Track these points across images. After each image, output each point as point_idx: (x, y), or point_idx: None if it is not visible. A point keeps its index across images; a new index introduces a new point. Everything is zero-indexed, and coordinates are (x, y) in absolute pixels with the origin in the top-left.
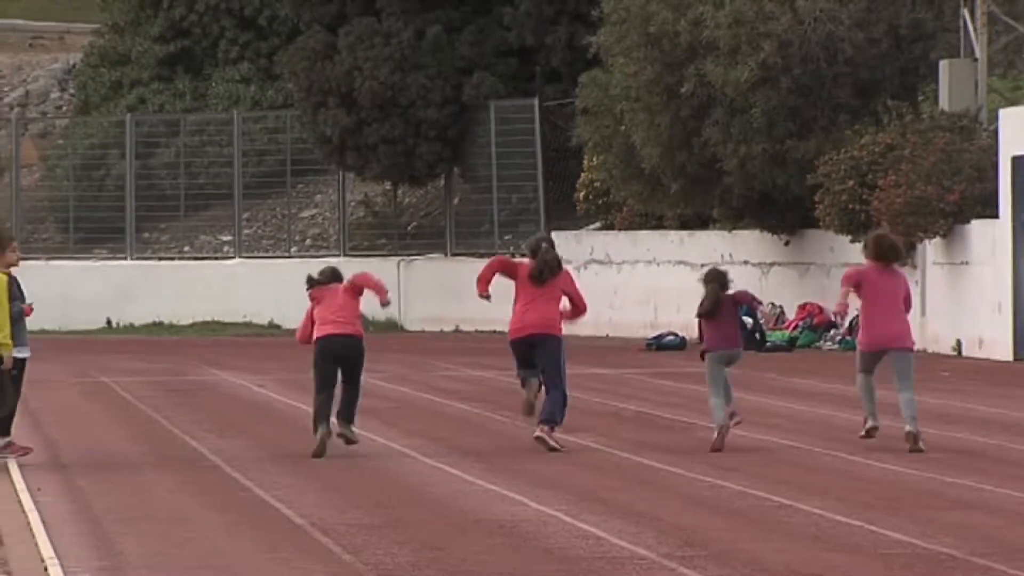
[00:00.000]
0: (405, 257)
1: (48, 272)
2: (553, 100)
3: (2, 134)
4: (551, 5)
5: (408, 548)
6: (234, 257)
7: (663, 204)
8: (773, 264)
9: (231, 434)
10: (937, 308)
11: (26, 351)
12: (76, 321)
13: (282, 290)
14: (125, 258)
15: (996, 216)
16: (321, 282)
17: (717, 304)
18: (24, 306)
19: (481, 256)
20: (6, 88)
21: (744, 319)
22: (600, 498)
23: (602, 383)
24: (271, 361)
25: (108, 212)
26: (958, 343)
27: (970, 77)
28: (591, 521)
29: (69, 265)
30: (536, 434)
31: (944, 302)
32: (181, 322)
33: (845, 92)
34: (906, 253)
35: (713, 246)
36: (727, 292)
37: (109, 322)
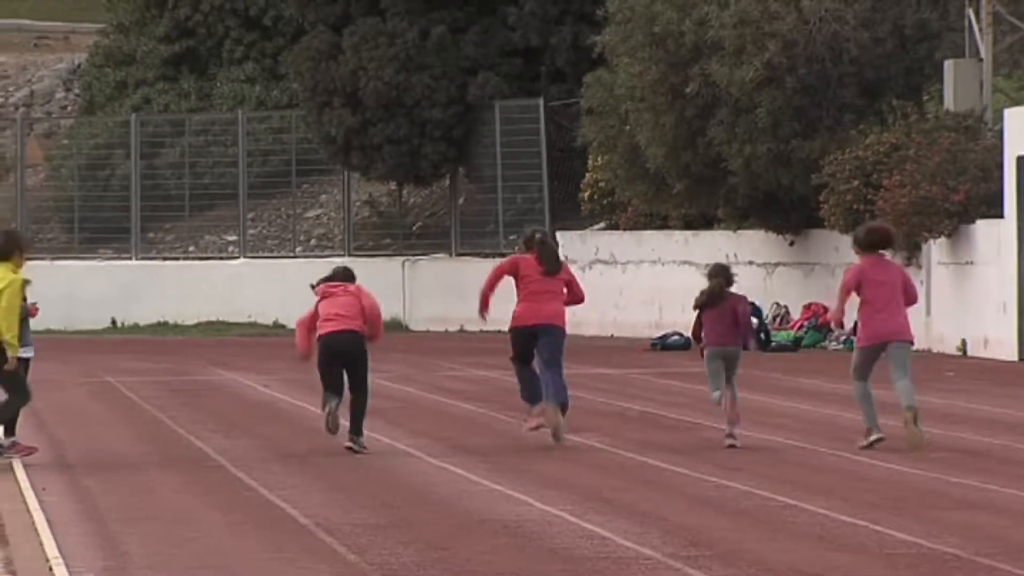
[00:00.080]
0: (410, 257)
1: (53, 272)
2: (558, 100)
3: (7, 134)
4: (556, 5)
5: (413, 548)
6: (239, 257)
7: (668, 204)
8: (778, 264)
9: (236, 434)
10: (942, 308)
11: (30, 351)
12: (81, 321)
13: (287, 290)
14: (130, 258)
15: (1001, 216)
16: (330, 279)
17: (715, 297)
18: (29, 306)
19: (486, 256)
20: (11, 88)
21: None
22: (605, 498)
23: (607, 383)
24: (276, 361)
25: (113, 212)
26: (963, 343)
27: (975, 77)
28: (596, 521)
29: (74, 265)
30: (531, 425)
31: (949, 302)
32: (186, 322)
33: (850, 92)
34: (898, 239)
35: (718, 246)
36: (731, 288)
37: (114, 322)
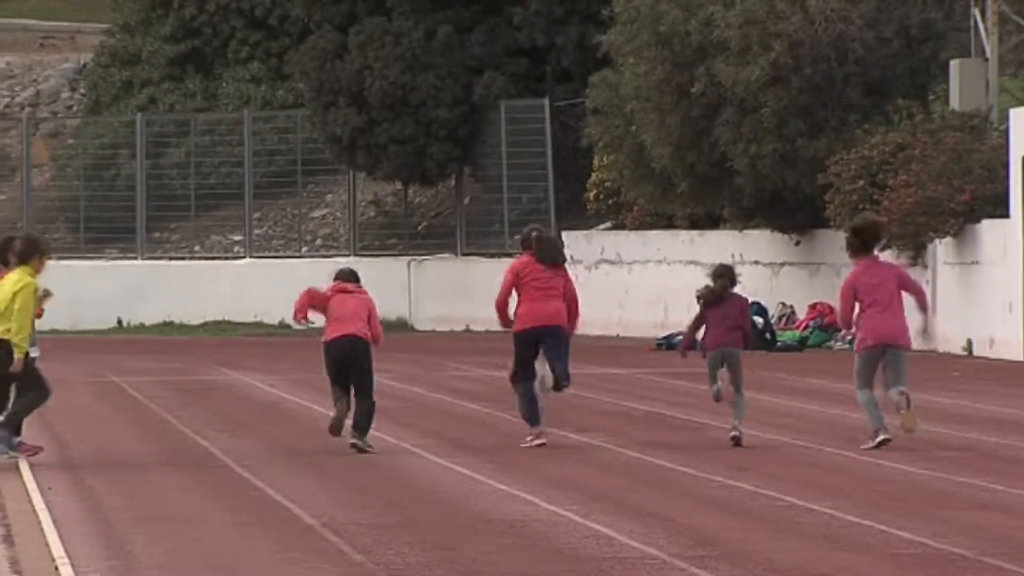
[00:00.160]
0: (415, 257)
1: (58, 272)
2: (563, 100)
3: (13, 134)
4: (561, 5)
5: (419, 548)
6: (245, 257)
7: (673, 204)
8: (784, 264)
9: (242, 434)
10: (948, 308)
11: (36, 351)
12: (87, 321)
13: (293, 290)
14: (136, 258)
15: (1007, 216)
16: (343, 279)
17: (722, 296)
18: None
19: (492, 256)
20: (17, 88)
21: (755, 319)
22: (611, 498)
23: (613, 383)
24: (282, 361)
25: (119, 212)
26: (969, 343)
27: (981, 77)
28: (602, 521)
29: (80, 265)
30: (535, 443)
31: (955, 302)
32: (192, 322)
33: (856, 92)
34: (885, 229)
35: (723, 246)
36: (734, 288)
37: (120, 322)
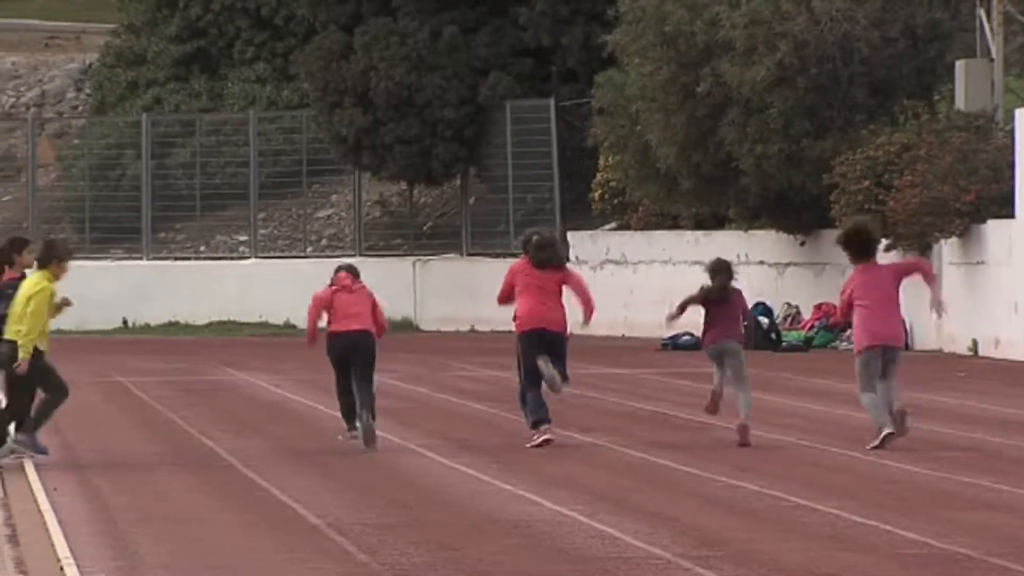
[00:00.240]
0: (421, 257)
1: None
2: (569, 100)
3: (19, 134)
4: (567, 5)
5: (424, 548)
6: (250, 257)
7: (679, 204)
8: (789, 264)
9: (247, 434)
10: (953, 308)
11: None
12: (92, 321)
13: (298, 290)
14: (141, 258)
15: (1012, 216)
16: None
17: (726, 291)
18: None
19: (497, 256)
20: (22, 88)
21: (760, 319)
22: (616, 498)
23: (618, 383)
24: (287, 361)
25: (124, 212)
26: (974, 343)
27: (986, 77)
28: (607, 521)
29: (85, 265)
30: (537, 441)
31: (960, 302)
32: (197, 322)
33: (861, 92)
34: (876, 229)
35: (729, 246)
36: (734, 283)
37: (125, 322)
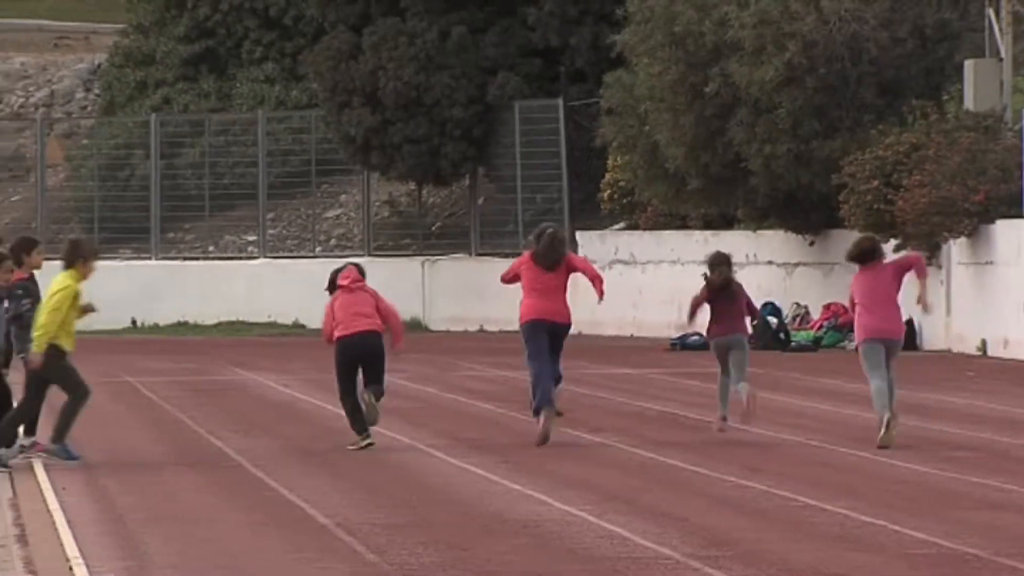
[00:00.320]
0: (430, 257)
1: None
2: (578, 100)
3: (27, 134)
4: (575, 5)
5: (433, 548)
6: (259, 257)
7: (687, 204)
8: (798, 264)
9: (256, 434)
10: (962, 308)
11: None
12: (101, 321)
13: (307, 290)
14: (150, 258)
15: (1021, 216)
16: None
17: (729, 283)
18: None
19: (506, 256)
20: (31, 88)
21: (769, 319)
22: (625, 498)
23: (626, 383)
24: (296, 361)
25: (133, 212)
26: (983, 343)
27: (995, 77)
28: (616, 521)
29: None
30: (543, 433)
31: (969, 302)
32: (206, 322)
33: (870, 92)
34: (879, 246)
35: (737, 246)
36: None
37: (134, 322)
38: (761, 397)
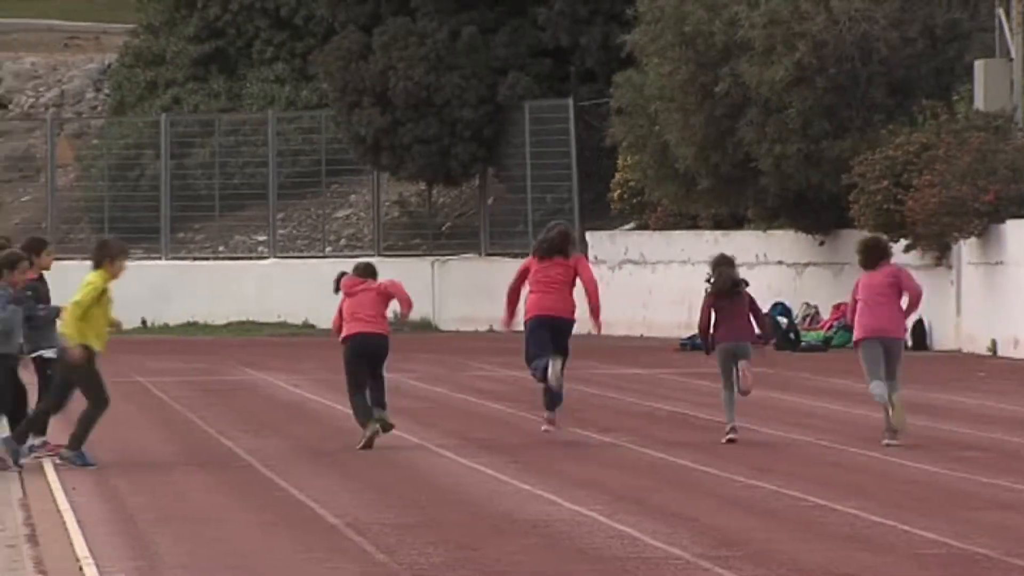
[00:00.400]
0: (439, 257)
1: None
2: (588, 100)
3: (38, 134)
4: (585, 5)
5: (442, 548)
6: (269, 257)
7: (697, 204)
8: (808, 264)
9: (266, 434)
10: (972, 308)
11: (53, 352)
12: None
13: (317, 290)
14: (160, 258)
15: None
16: (352, 275)
17: (734, 284)
18: (60, 308)
19: (516, 256)
20: (42, 88)
21: (779, 319)
22: (635, 498)
23: (636, 383)
24: (306, 361)
25: (143, 212)
26: (993, 343)
27: (1005, 77)
28: (626, 521)
29: None
30: (544, 428)
31: (979, 302)
32: (216, 322)
33: (880, 92)
34: (887, 247)
35: (748, 246)
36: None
37: (144, 322)
38: (771, 397)
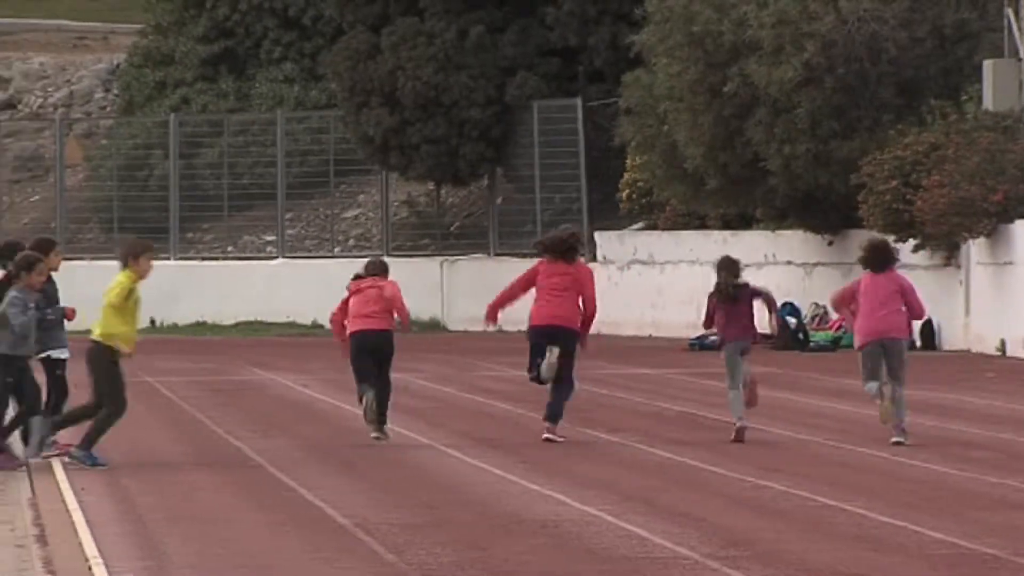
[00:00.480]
0: (448, 257)
1: (92, 272)
2: (596, 100)
3: (47, 134)
4: (594, 5)
5: (451, 548)
6: (277, 257)
7: (706, 204)
8: (817, 264)
9: (274, 434)
10: (981, 308)
11: (66, 352)
12: None
13: (325, 290)
14: (169, 258)
15: None
16: (363, 276)
17: (729, 297)
18: (65, 309)
19: (524, 256)
20: (50, 88)
21: (788, 319)
22: (643, 498)
23: (645, 383)
24: (314, 361)
25: (152, 212)
26: (1002, 343)
27: (1014, 77)
28: (634, 521)
29: (113, 265)
30: (544, 436)
31: (988, 302)
32: (224, 322)
33: (889, 92)
34: (893, 251)
35: (756, 246)
36: (738, 279)
37: (153, 322)
38: (780, 397)
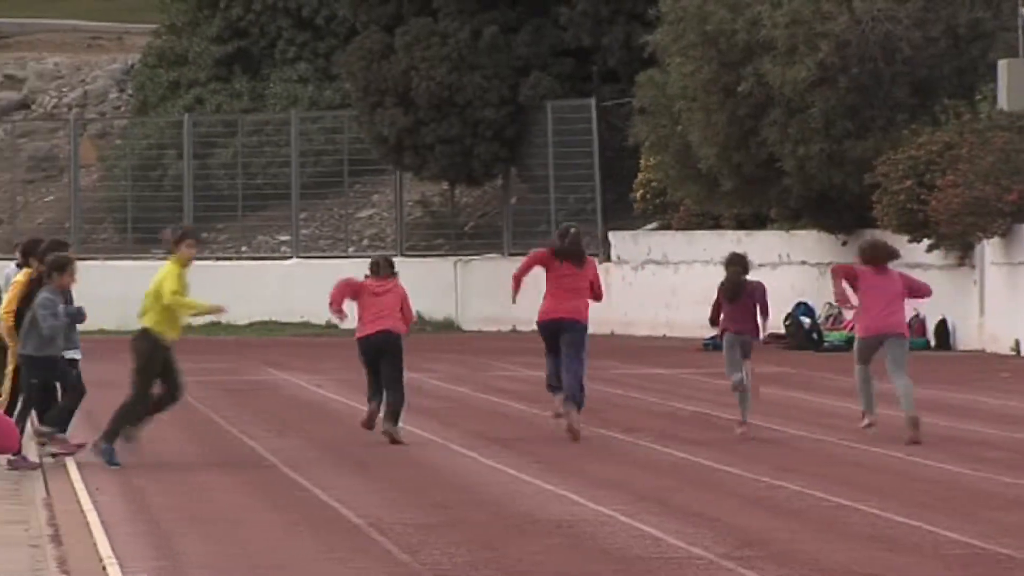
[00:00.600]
0: (462, 257)
1: (106, 272)
2: (610, 100)
3: (61, 135)
4: (608, 5)
5: (465, 548)
6: (292, 257)
7: (720, 204)
8: (831, 264)
9: (289, 434)
10: (996, 308)
11: (78, 353)
12: (134, 321)
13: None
14: None
15: None
16: (376, 275)
17: (740, 286)
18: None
19: None
20: (65, 88)
21: (802, 319)
22: (657, 498)
23: (659, 383)
24: (328, 361)
25: (166, 212)
26: (1016, 343)
27: None
28: (649, 521)
29: (127, 265)
30: (557, 410)
31: (1003, 302)
32: (239, 322)
33: (903, 92)
34: (894, 252)
35: (770, 246)
36: (747, 276)
37: None
38: (794, 397)
